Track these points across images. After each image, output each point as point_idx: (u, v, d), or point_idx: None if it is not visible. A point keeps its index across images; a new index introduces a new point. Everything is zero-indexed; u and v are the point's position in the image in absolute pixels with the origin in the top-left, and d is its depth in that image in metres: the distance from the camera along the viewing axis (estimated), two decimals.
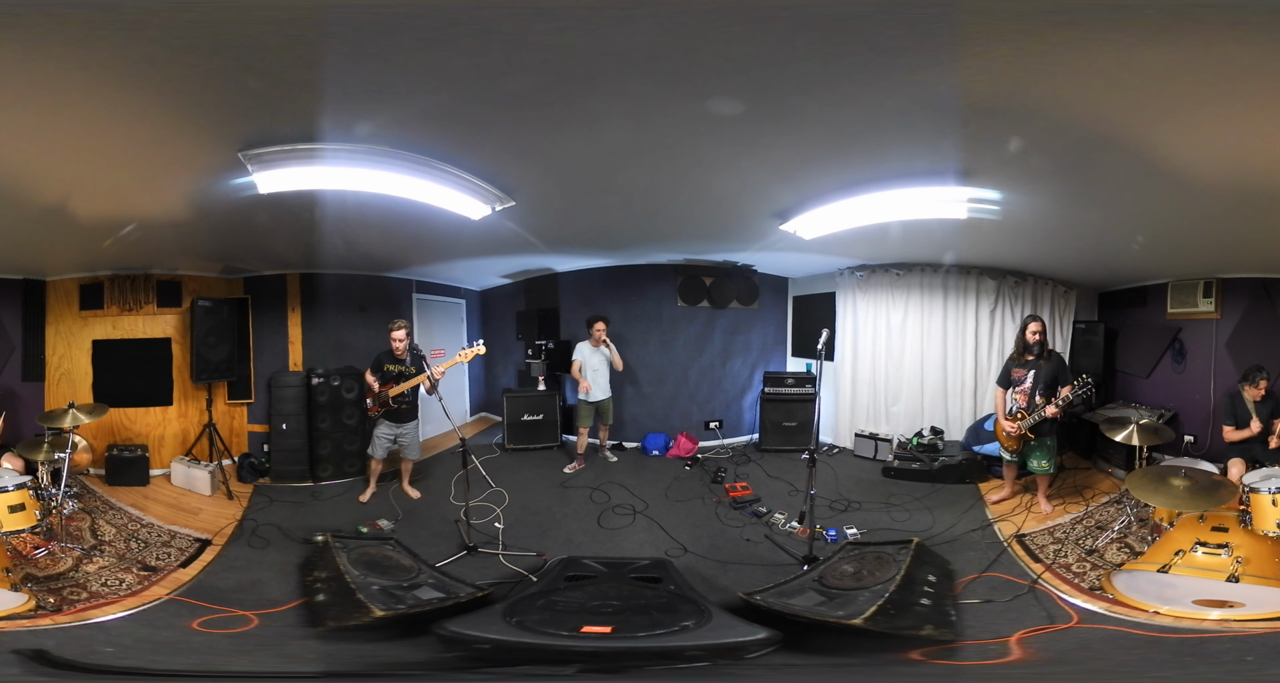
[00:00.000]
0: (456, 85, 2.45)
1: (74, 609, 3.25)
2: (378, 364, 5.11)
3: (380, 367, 5.09)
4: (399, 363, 5.06)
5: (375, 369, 5.11)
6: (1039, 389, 4.66)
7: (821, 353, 4.23)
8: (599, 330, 5.93)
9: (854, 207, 3.98)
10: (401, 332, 5.01)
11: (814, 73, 2.34)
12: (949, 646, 2.89)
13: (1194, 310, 5.41)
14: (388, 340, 5.05)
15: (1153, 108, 2.48)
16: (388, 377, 5.05)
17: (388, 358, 5.09)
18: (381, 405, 5.03)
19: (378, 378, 5.08)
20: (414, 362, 5.05)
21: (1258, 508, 3.36)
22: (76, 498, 4.53)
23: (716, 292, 6.87)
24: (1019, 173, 3.43)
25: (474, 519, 4.46)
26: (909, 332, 6.43)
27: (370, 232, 4.82)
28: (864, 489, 5.40)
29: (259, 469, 5.76)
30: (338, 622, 3.10)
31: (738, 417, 7.06)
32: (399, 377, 5.01)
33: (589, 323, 6.00)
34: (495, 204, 3.85)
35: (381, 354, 5.12)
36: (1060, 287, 6.35)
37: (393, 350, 5.04)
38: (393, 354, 5.06)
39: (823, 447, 6.55)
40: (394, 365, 5.06)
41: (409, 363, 5.05)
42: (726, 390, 7.06)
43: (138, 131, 2.77)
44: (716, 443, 6.77)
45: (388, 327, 5.06)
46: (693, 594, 3.38)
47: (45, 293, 5.42)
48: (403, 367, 5.04)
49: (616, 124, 2.89)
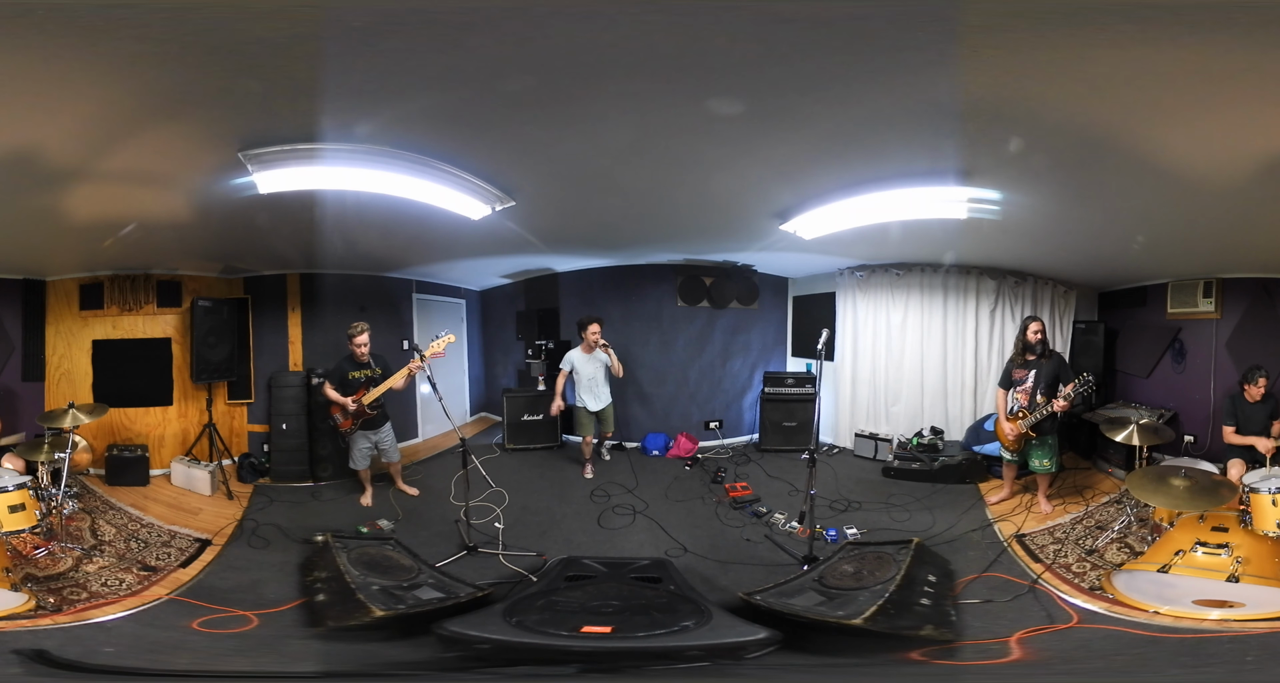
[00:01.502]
0: (456, 85, 2.45)
1: (74, 609, 3.25)
2: (338, 374, 4.91)
3: (344, 377, 4.89)
4: (363, 368, 4.90)
5: (338, 381, 4.90)
6: (1040, 388, 4.66)
7: (821, 353, 4.22)
8: (593, 333, 5.46)
9: (854, 207, 3.97)
10: (364, 336, 4.83)
11: (814, 73, 2.34)
12: (949, 646, 2.89)
13: (1194, 310, 5.40)
14: (347, 347, 4.86)
15: (1153, 108, 2.48)
16: (354, 385, 4.88)
17: (350, 365, 4.89)
18: (356, 417, 4.86)
19: (343, 390, 4.88)
20: (378, 363, 4.91)
21: (1258, 508, 3.36)
22: (76, 498, 4.52)
23: (716, 292, 6.87)
24: (1019, 173, 3.43)
25: (474, 519, 4.46)
26: (909, 332, 6.42)
27: (370, 232, 4.81)
28: (864, 489, 5.40)
29: (259, 469, 5.76)
30: (338, 622, 3.10)
31: (738, 417, 7.06)
32: (368, 382, 4.86)
33: (580, 325, 5.55)
34: (495, 204, 3.85)
35: (341, 362, 4.94)
36: (1060, 287, 6.35)
37: (355, 356, 4.86)
38: (355, 360, 4.87)
39: (823, 447, 6.54)
40: (359, 372, 4.89)
41: (373, 366, 4.89)
42: (726, 390, 7.06)
43: (138, 131, 2.77)
44: (716, 443, 6.77)
45: (347, 332, 4.85)
46: (693, 594, 3.38)
47: (45, 293, 5.42)
48: (368, 371, 4.89)
49: (616, 124, 2.89)
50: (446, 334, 4.78)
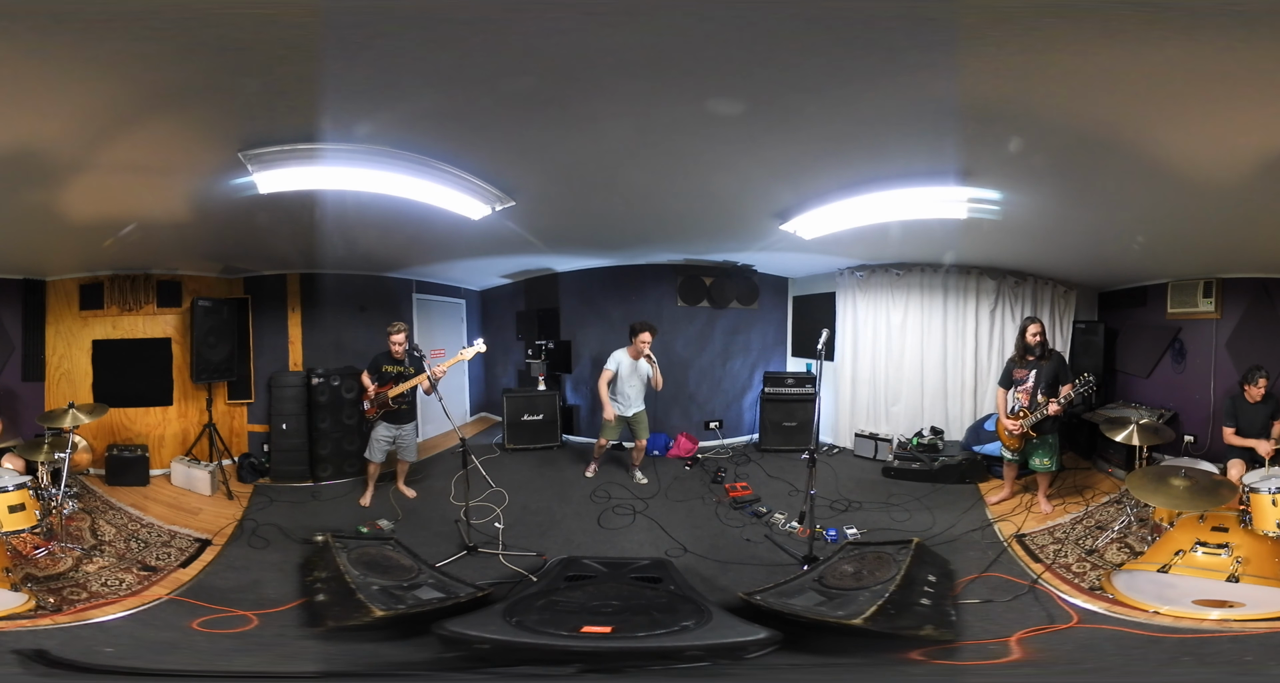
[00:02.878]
0: (456, 85, 2.45)
1: (74, 609, 3.25)
2: (375, 366, 5.12)
3: (378, 368, 5.10)
4: (398, 364, 5.06)
5: (373, 371, 5.11)
6: (1041, 388, 4.66)
7: (821, 353, 4.22)
8: (644, 342, 5.26)
9: (854, 207, 3.97)
10: (401, 335, 5.01)
11: (814, 73, 2.34)
12: (949, 646, 2.88)
13: (1194, 310, 5.41)
14: (386, 342, 5.05)
15: (1153, 107, 2.48)
16: (386, 378, 5.05)
17: (385, 359, 5.09)
18: (380, 407, 5.03)
19: (375, 380, 5.08)
20: (412, 363, 5.06)
21: (1258, 508, 3.36)
22: (76, 498, 4.52)
23: (716, 292, 6.87)
24: (1019, 173, 3.42)
25: (474, 519, 4.46)
26: (909, 332, 6.43)
27: (370, 232, 4.82)
28: (864, 489, 5.40)
29: (259, 469, 5.76)
30: (338, 622, 3.10)
31: (738, 417, 7.07)
32: (398, 377, 5.02)
33: (633, 330, 5.33)
34: (495, 204, 3.85)
35: (379, 356, 5.13)
36: (1060, 287, 6.35)
37: (391, 352, 5.05)
38: (391, 355, 5.06)
39: (823, 447, 6.55)
40: (392, 366, 5.07)
41: (407, 364, 5.06)
42: (726, 390, 7.06)
43: (138, 131, 2.77)
44: (716, 443, 6.77)
45: (386, 329, 5.06)
46: (693, 594, 3.38)
47: (45, 293, 5.42)
48: (401, 368, 5.05)
49: (616, 124, 2.89)
50: (479, 342, 5.06)
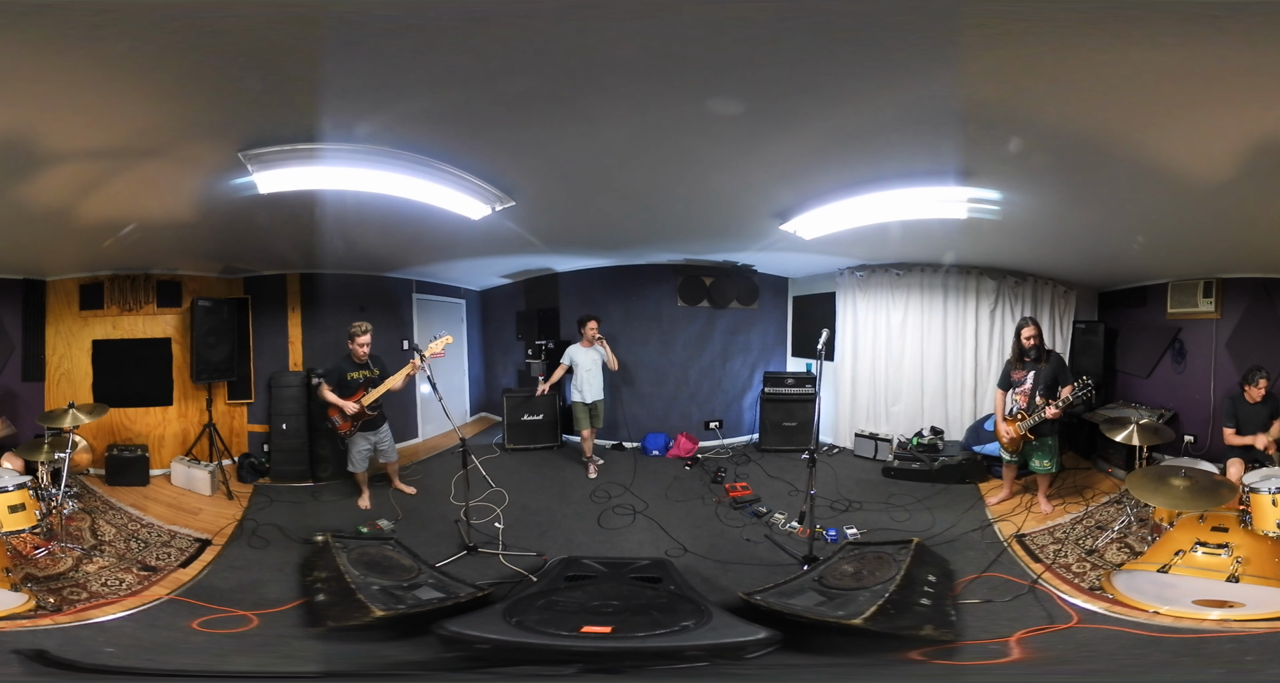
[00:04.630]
0: (456, 85, 2.45)
1: (74, 609, 3.25)
2: (337, 375, 4.86)
3: (342, 378, 4.84)
4: (362, 368, 4.87)
5: (335, 382, 4.85)
6: (1039, 390, 4.65)
7: (821, 353, 4.22)
8: (591, 330, 5.88)
9: (854, 207, 3.97)
10: (367, 336, 4.80)
11: (814, 73, 2.34)
12: (949, 646, 2.89)
13: (1194, 310, 5.40)
14: (346, 346, 4.82)
15: (1153, 107, 2.48)
16: (353, 386, 4.84)
17: (349, 365, 4.85)
18: (355, 419, 4.82)
19: (338, 391, 4.83)
20: (376, 364, 4.89)
21: (1258, 508, 3.35)
22: (76, 498, 4.53)
23: (716, 292, 6.87)
24: (1019, 173, 3.42)
25: (474, 519, 4.46)
26: (909, 332, 6.42)
27: (370, 232, 4.81)
28: (864, 489, 5.40)
29: (259, 469, 5.75)
30: (338, 622, 3.10)
31: (738, 417, 7.06)
32: (367, 383, 4.84)
33: (580, 322, 5.98)
34: (495, 204, 3.85)
35: (340, 363, 4.89)
36: (1060, 287, 6.35)
37: (354, 356, 4.83)
38: (353, 360, 4.84)
39: (823, 447, 6.55)
40: (357, 372, 4.86)
41: (372, 366, 4.87)
42: (726, 390, 7.06)
43: (138, 131, 2.77)
44: (716, 443, 6.77)
45: (349, 331, 4.81)
46: (693, 594, 3.38)
47: (45, 293, 5.42)
48: (367, 372, 4.86)
49: (616, 124, 2.89)
50: (445, 335, 4.82)
